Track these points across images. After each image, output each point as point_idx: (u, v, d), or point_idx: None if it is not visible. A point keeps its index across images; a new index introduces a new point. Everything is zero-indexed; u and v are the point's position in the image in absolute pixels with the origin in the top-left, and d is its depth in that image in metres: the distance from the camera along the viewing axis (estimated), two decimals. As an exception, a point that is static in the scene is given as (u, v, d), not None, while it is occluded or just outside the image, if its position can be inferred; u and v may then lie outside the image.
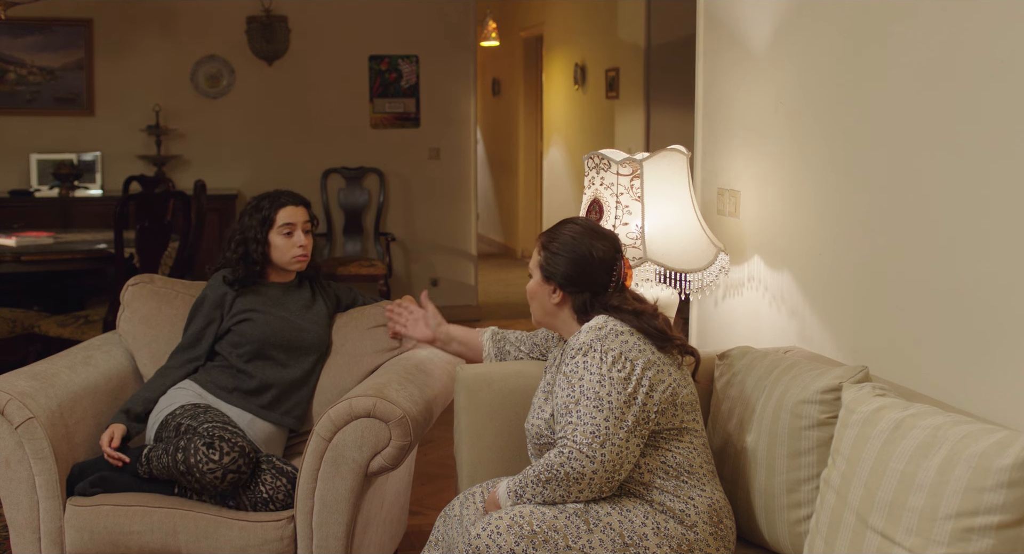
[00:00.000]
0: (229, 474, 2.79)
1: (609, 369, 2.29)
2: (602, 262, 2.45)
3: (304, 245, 3.21)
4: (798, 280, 2.96)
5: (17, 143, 7.12)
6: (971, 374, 2.20)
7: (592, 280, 2.45)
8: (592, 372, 2.29)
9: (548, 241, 2.51)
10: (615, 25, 7.70)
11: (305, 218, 3.23)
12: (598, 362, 2.30)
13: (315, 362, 3.22)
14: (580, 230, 2.49)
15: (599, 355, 2.31)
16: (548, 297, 2.49)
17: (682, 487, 2.32)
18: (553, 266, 2.47)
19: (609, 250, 2.47)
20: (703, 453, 2.39)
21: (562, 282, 2.46)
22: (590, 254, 2.45)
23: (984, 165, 2.16)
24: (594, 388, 2.27)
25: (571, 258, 2.45)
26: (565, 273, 2.46)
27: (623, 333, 2.36)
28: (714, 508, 2.34)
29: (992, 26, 2.13)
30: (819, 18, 2.83)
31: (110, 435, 2.94)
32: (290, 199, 3.23)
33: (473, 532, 2.23)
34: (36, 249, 5.13)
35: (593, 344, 2.33)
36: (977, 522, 1.79)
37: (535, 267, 2.52)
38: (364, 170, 7.56)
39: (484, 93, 12.28)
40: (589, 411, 2.25)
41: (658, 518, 2.27)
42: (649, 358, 2.34)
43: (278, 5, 7.32)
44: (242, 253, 3.20)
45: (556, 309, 2.50)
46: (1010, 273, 2.08)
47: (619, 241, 2.53)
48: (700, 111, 3.58)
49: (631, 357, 2.32)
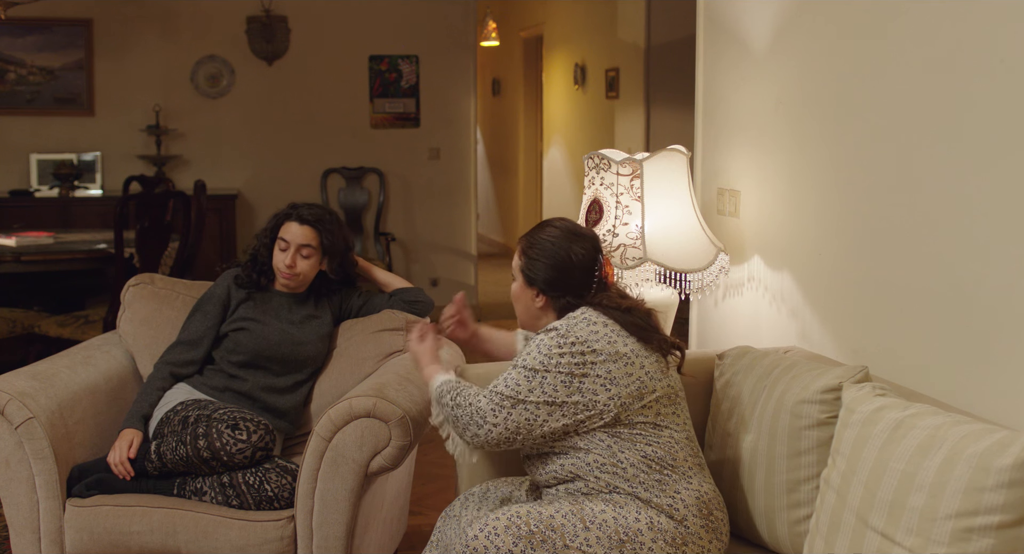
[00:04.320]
0: (258, 452, 2.84)
1: (559, 348, 2.31)
2: (582, 264, 2.46)
3: (290, 265, 3.13)
4: (798, 280, 2.96)
5: (17, 143, 7.12)
6: (971, 374, 2.20)
7: (573, 283, 2.46)
8: (542, 350, 2.33)
9: (528, 246, 2.51)
10: (615, 25, 7.70)
11: (307, 241, 3.14)
12: (552, 342, 2.33)
13: (309, 375, 3.21)
14: (559, 233, 2.49)
15: (558, 338, 2.33)
16: (532, 301, 2.50)
17: (666, 481, 2.31)
18: (534, 271, 2.48)
19: (589, 251, 2.47)
20: (687, 447, 2.37)
21: (543, 287, 2.47)
22: (569, 258, 2.45)
23: (984, 165, 2.16)
24: (535, 359, 2.32)
25: (551, 263, 2.46)
26: (545, 278, 2.46)
27: (595, 323, 2.36)
28: (702, 500, 2.33)
29: (992, 25, 2.13)
30: (819, 18, 2.83)
31: (128, 442, 2.92)
32: (299, 216, 3.16)
33: (471, 533, 2.23)
34: (36, 249, 5.13)
35: (559, 326, 2.36)
36: (977, 522, 1.79)
37: (517, 271, 2.53)
38: (364, 170, 7.57)
39: (484, 93, 12.28)
40: (517, 376, 2.32)
41: (650, 513, 2.28)
42: (618, 350, 2.33)
43: (278, 5, 7.32)
44: (253, 252, 3.22)
45: (540, 312, 2.51)
46: (1010, 273, 2.08)
47: (599, 240, 2.53)
48: (700, 111, 3.58)
49: (593, 345, 2.33)
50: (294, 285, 3.20)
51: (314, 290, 3.28)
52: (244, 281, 3.20)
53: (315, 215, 3.17)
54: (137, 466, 2.90)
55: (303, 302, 3.24)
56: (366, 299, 3.36)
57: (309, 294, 3.27)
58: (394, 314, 3.28)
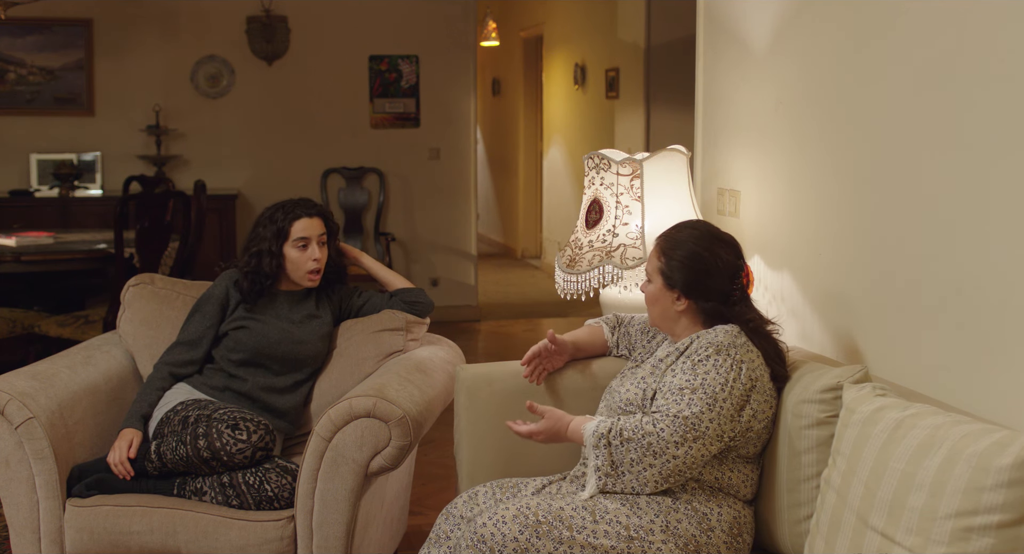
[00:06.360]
0: (258, 452, 2.83)
1: (736, 379, 2.30)
2: (726, 269, 2.44)
3: (318, 258, 3.15)
4: (798, 280, 2.96)
5: (17, 143, 7.12)
6: (971, 374, 2.20)
7: (715, 288, 2.43)
8: (721, 373, 2.30)
9: (670, 247, 2.47)
10: (615, 25, 7.70)
11: (321, 230, 3.16)
12: (729, 368, 2.31)
13: (309, 374, 3.20)
14: (700, 235, 2.46)
15: (732, 362, 2.31)
16: (671, 304, 2.46)
17: (716, 497, 2.34)
18: (676, 273, 2.44)
19: (732, 256, 2.46)
20: (754, 485, 2.41)
21: (685, 290, 2.44)
22: (714, 261, 2.42)
23: (984, 164, 2.16)
24: (715, 388, 2.28)
25: (693, 265, 2.42)
26: (687, 280, 2.43)
27: (752, 351, 2.37)
28: (738, 521, 2.35)
29: (993, 25, 2.13)
30: (819, 18, 2.82)
31: (128, 442, 2.92)
32: (305, 210, 3.15)
33: (479, 522, 2.24)
34: (36, 249, 5.13)
35: (729, 349, 2.33)
36: (977, 521, 1.79)
37: (655, 273, 2.49)
38: (364, 170, 7.57)
39: (484, 93, 12.28)
40: (700, 404, 2.27)
41: (670, 517, 2.28)
42: (766, 386, 2.36)
43: (278, 5, 7.32)
44: (255, 265, 3.13)
45: (678, 315, 2.48)
46: (1010, 273, 2.08)
47: (740, 247, 2.51)
48: (700, 111, 3.58)
49: (754, 377, 2.34)
50: (317, 279, 3.19)
51: (315, 290, 3.28)
52: (249, 295, 3.15)
53: (312, 204, 3.20)
54: (137, 466, 2.90)
55: (303, 301, 3.24)
56: (366, 299, 3.36)
57: (309, 293, 3.26)
58: (394, 314, 3.28)
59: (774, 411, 2.39)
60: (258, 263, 3.13)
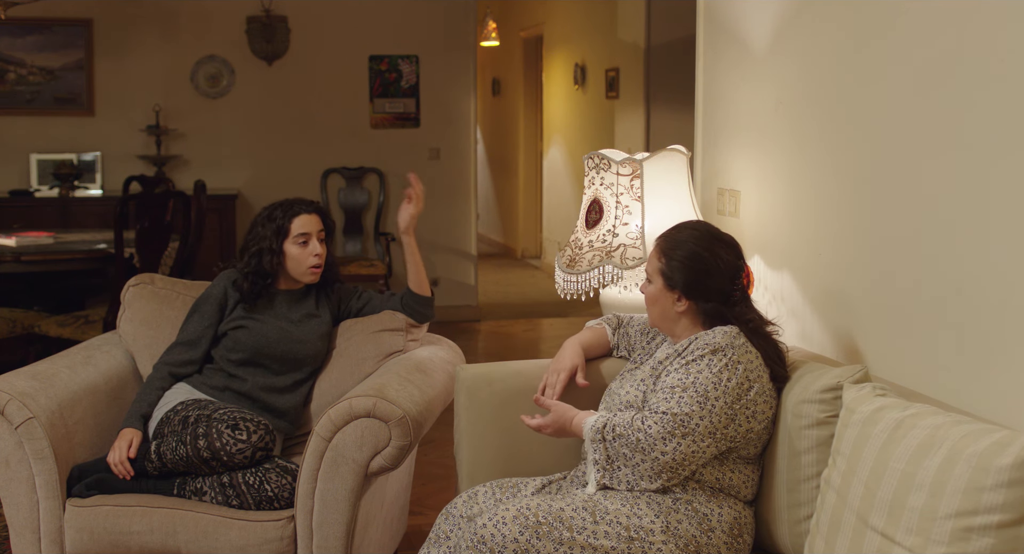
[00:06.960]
0: (258, 452, 2.83)
1: (729, 378, 2.30)
2: (727, 270, 2.44)
3: (320, 253, 3.17)
4: (798, 280, 2.96)
5: (17, 143, 7.12)
6: (971, 374, 2.20)
7: (716, 288, 2.43)
8: (713, 372, 2.30)
9: (670, 248, 2.47)
10: (615, 25, 7.70)
11: (320, 226, 3.19)
12: (723, 367, 2.31)
13: (309, 374, 3.20)
14: (700, 235, 2.47)
15: (727, 362, 2.31)
16: (672, 304, 2.46)
17: (716, 497, 2.35)
18: (676, 273, 2.44)
19: (732, 257, 2.46)
20: (754, 486, 2.41)
21: (686, 290, 2.44)
22: (715, 262, 2.43)
23: (984, 164, 2.16)
24: (707, 387, 2.29)
25: (696, 267, 2.42)
26: (687, 280, 2.43)
27: (750, 352, 2.37)
28: (739, 522, 2.36)
29: (993, 25, 2.13)
30: (819, 18, 2.82)
31: (128, 442, 2.92)
32: (303, 207, 3.17)
33: (480, 522, 2.24)
34: (36, 249, 5.13)
35: (726, 350, 2.33)
36: (977, 521, 1.79)
37: (655, 273, 2.49)
38: (364, 170, 7.57)
39: (484, 93, 12.28)
40: (690, 403, 2.27)
41: (670, 518, 2.28)
42: (765, 386, 2.36)
43: (278, 5, 7.32)
44: (255, 265, 3.14)
45: (678, 316, 2.48)
46: (1010, 273, 2.08)
47: (740, 247, 2.51)
48: (700, 111, 3.57)
49: (752, 378, 2.34)
50: (319, 274, 3.20)
51: (313, 289, 3.28)
52: (249, 295, 3.15)
53: (309, 202, 3.22)
54: (137, 466, 2.90)
55: (302, 300, 3.24)
56: (366, 301, 3.36)
57: (308, 293, 3.27)
58: (394, 315, 3.28)
59: (774, 411, 2.39)
60: (259, 262, 3.14)
